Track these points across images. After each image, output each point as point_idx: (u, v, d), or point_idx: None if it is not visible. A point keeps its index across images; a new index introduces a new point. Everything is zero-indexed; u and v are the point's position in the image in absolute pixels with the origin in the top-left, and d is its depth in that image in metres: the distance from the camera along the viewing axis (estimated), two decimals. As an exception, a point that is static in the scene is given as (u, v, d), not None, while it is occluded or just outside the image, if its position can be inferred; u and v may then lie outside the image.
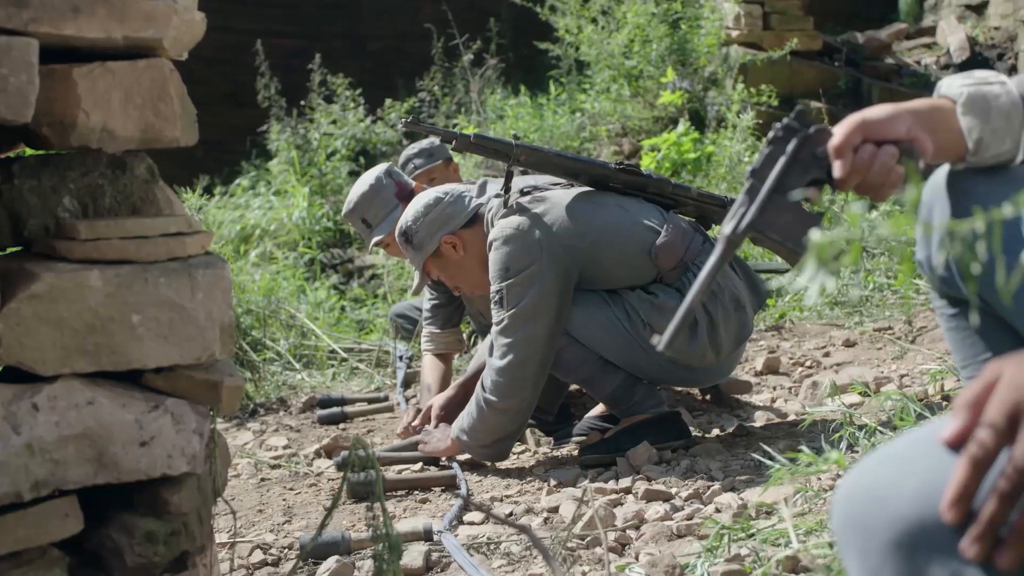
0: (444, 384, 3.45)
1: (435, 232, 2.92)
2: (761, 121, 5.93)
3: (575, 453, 2.86)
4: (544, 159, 2.84)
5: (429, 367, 3.56)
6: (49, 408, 1.42)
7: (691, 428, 2.88)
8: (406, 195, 3.52)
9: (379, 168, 3.63)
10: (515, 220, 2.74)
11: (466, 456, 2.91)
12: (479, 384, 2.81)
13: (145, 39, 1.52)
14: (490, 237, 2.77)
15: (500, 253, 2.73)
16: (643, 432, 2.73)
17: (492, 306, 2.77)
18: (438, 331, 3.59)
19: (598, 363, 2.76)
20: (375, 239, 3.57)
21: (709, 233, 2.96)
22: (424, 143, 3.97)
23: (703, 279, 1.38)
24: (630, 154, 6.36)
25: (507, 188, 2.81)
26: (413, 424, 3.19)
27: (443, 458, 2.95)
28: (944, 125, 1.44)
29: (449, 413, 3.06)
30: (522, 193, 2.83)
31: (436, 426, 3.10)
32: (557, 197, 2.80)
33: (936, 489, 0.81)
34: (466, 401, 3.01)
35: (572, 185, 2.88)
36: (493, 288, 2.75)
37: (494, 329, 2.77)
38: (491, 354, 2.78)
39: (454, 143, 2.86)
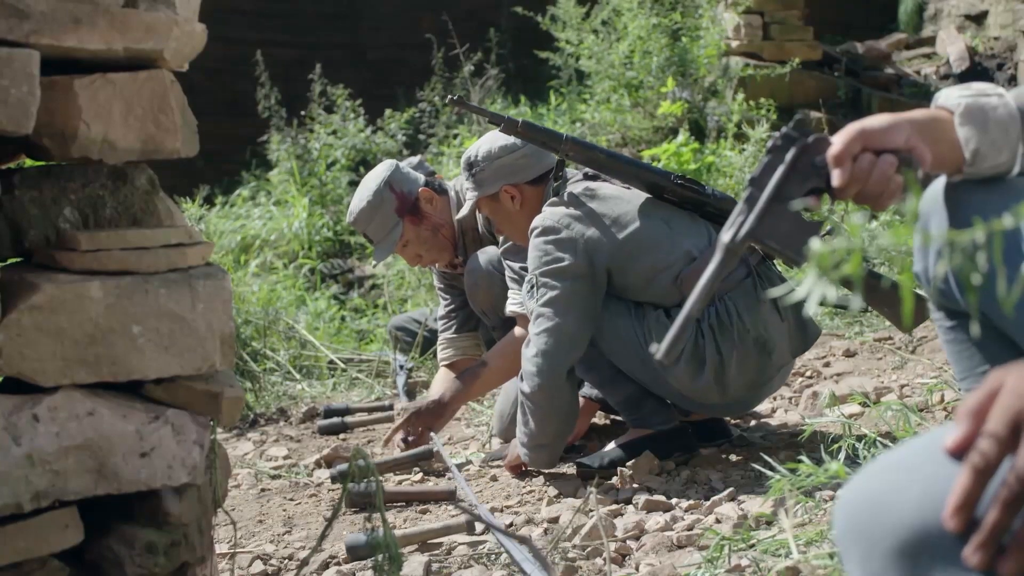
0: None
1: (500, 178, 2.87)
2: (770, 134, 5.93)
3: (573, 463, 2.85)
4: (593, 158, 2.74)
5: (439, 382, 3.43)
6: (49, 419, 1.42)
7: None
8: (409, 208, 3.32)
9: (381, 173, 3.37)
10: (559, 212, 2.69)
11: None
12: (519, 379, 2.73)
13: (146, 50, 1.52)
14: (533, 223, 2.72)
15: (538, 242, 2.68)
16: (646, 447, 2.70)
17: (524, 293, 2.73)
18: (454, 335, 3.50)
19: (612, 369, 2.73)
20: (374, 262, 3.45)
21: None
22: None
23: (701, 287, 1.38)
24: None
25: (556, 176, 2.77)
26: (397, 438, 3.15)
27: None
28: (942, 136, 1.44)
29: (420, 419, 3.09)
30: (585, 176, 2.79)
31: (407, 431, 3.12)
32: (609, 195, 2.73)
33: (939, 497, 0.81)
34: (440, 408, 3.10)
35: (629, 187, 2.78)
36: (528, 276, 2.72)
37: (530, 322, 2.71)
38: (525, 347, 2.70)
39: (501, 127, 2.76)
